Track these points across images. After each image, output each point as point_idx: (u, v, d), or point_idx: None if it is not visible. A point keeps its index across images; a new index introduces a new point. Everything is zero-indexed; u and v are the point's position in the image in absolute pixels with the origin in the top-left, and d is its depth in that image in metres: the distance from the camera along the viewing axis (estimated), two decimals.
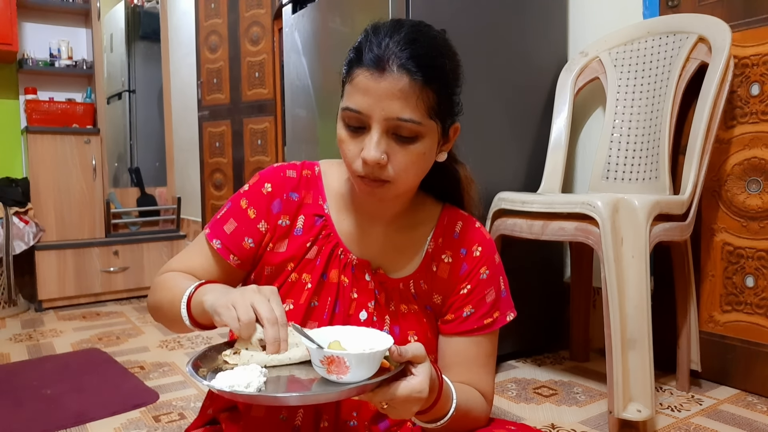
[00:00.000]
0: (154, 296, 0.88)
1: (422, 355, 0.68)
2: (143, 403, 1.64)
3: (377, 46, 0.74)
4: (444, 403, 0.75)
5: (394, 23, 0.77)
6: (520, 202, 1.62)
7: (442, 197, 0.93)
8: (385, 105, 0.73)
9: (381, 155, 0.74)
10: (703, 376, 1.73)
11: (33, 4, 3.04)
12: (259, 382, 0.64)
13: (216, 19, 3.75)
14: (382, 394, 0.66)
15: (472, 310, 0.86)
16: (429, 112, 0.75)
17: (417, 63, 0.72)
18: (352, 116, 0.75)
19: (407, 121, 0.73)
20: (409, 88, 0.72)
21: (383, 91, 0.72)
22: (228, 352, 0.72)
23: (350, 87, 0.76)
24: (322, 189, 0.90)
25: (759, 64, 1.60)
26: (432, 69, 0.74)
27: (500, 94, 1.85)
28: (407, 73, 0.72)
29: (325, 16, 2.03)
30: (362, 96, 0.74)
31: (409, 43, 0.73)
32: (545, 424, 1.47)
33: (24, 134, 2.96)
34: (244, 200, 0.88)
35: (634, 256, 1.39)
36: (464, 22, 1.75)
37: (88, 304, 2.95)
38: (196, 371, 0.67)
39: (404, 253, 0.88)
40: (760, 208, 1.61)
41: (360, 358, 0.63)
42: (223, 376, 0.64)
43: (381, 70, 0.72)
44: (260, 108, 3.62)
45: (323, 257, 0.86)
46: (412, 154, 0.76)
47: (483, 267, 0.87)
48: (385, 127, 0.74)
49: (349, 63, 0.77)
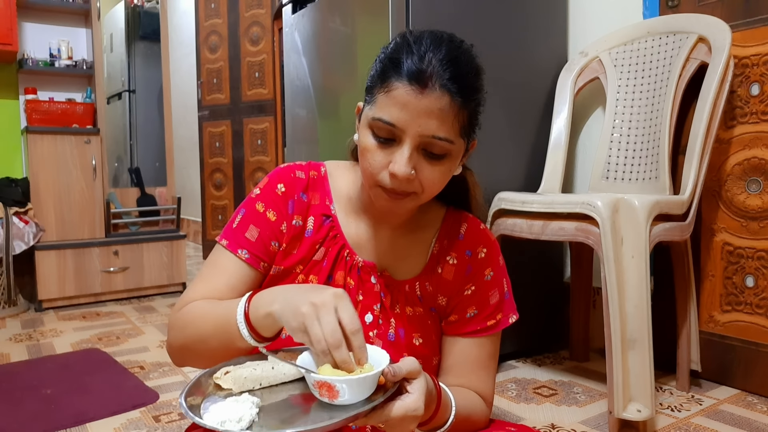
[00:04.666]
0: (184, 333, 0.80)
1: (416, 370, 0.67)
2: (143, 403, 1.64)
3: (420, 59, 0.72)
4: (443, 413, 0.75)
5: (434, 36, 0.75)
6: (520, 202, 1.62)
7: (449, 202, 0.93)
8: (423, 122, 0.72)
9: (411, 171, 0.73)
10: (703, 376, 1.73)
11: (33, 4, 3.03)
12: (252, 415, 0.61)
13: (216, 19, 3.75)
14: (377, 416, 0.64)
15: (476, 311, 0.87)
16: (461, 132, 0.75)
17: (459, 85, 0.72)
18: (385, 128, 0.73)
19: (442, 139, 0.73)
20: (449, 108, 0.72)
21: (423, 108, 0.71)
22: (219, 374, 0.69)
23: (385, 98, 0.73)
24: (328, 190, 0.89)
25: (759, 64, 1.60)
26: (471, 91, 0.74)
27: (500, 94, 1.85)
28: (449, 93, 0.72)
29: (325, 16, 2.03)
30: (400, 110, 0.72)
31: (451, 62, 0.72)
32: (545, 424, 1.47)
33: (24, 134, 2.96)
34: (260, 204, 0.86)
35: (634, 256, 1.39)
36: (464, 23, 1.75)
37: (88, 304, 2.95)
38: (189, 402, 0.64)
39: (409, 255, 0.88)
40: (760, 208, 1.61)
41: (351, 382, 0.61)
42: (215, 410, 0.62)
43: (423, 87, 0.71)
44: (260, 108, 3.62)
45: (330, 259, 0.86)
46: (439, 172, 0.76)
47: (487, 269, 0.88)
48: (418, 143, 0.73)
49: (384, 71, 0.74)
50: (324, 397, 0.63)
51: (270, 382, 0.70)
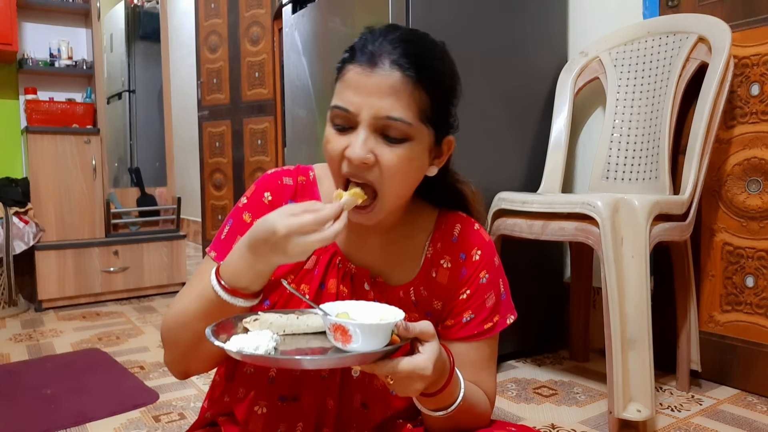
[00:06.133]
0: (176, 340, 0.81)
1: (430, 333, 0.68)
2: (143, 403, 1.64)
3: (371, 43, 0.72)
4: (453, 390, 0.74)
5: (391, 25, 0.76)
6: (520, 202, 1.62)
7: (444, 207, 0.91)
8: (375, 102, 0.70)
9: (367, 153, 0.71)
10: (703, 376, 1.73)
11: (33, 4, 3.03)
12: (268, 346, 0.64)
13: (216, 19, 3.75)
14: (383, 366, 0.65)
15: (472, 315, 0.85)
16: (420, 115, 0.73)
17: (410, 60, 0.71)
18: (340, 114, 0.73)
19: (397, 120, 0.71)
20: (400, 85, 0.70)
21: (374, 86, 0.70)
22: (249, 319, 0.72)
23: (340, 84, 0.74)
24: (317, 195, 0.87)
25: (759, 64, 1.60)
26: (425, 68, 0.72)
27: (500, 94, 1.85)
28: (399, 68, 0.70)
29: (325, 16, 2.03)
30: (352, 92, 0.72)
31: (403, 41, 0.72)
32: (545, 424, 1.47)
33: (24, 134, 2.96)
34: (246, 214, 0.85)
35: (634, 256, 1.39)
36: (464, 22, 1.75)
37: (88, 304, 2.95)
38: (216, 337, 0.68)
39: (403, 260, 0.87)
40: (760, 208, 1.61)
41: (364, 327, 0.64)
42: (236, 339, 0.66)
43: (372, 65, 0.71)
44: (260, 108, 3.62)
45: (321, 267, 0.84)
46: (399, 157, 0.73)
47: (483, 271, 0.86)
48: (373, 126, 0.71)
49: (342, 61, 0.76)
50: (338, 341, 0.65)
51: (293, 331, 0.73)
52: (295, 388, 0.83)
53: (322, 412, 0.84)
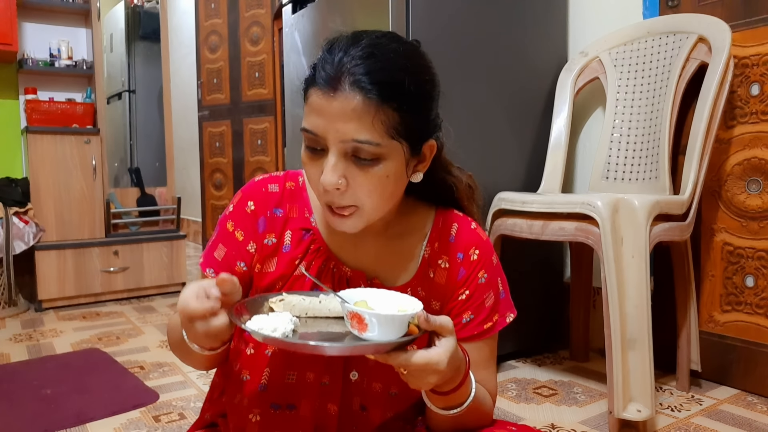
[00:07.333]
0: (170, 341, 0.85)
1: (449, 328, 0.68)
2: (143, 403, 1.64)
3: (330, 63, 0.69)
4: (465, 389, 0.74)
5: (354, 36, 0.72)
6: (520, 202, 1.62)
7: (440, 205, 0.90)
8: (339, 126, 0.68)
9: (338, 180, 0.70)
10: (703, 376, 1.73)
11: (33, 4, 3.03)
12: (285, 329, 0.65)
13: (216, 19, 3.75)
14: (397, 356, 0.65)
15: (472, 316, 0.84)
16: (389, 132, 0.69)
17: (371, 79, 0.67)
18: (309, 137, 0.72)
19: (363, 142, 0.68)
20: (363, 107, 0.67)
21: (336, 111, 0.68)
22: (275, 299, 0.74)
23: (306, 107, 0.72)
24: (307, 200, 0.85)
25: (759, 64, 1.60)
26: (389, 86, 0.68)
27: (500, 94, 1.85)
28: (360, 91, 0.67)
29: (325, 16, 2.03)
30: (316, 117, 0.70)
31: (364, 57, 0.68)
32: (545, 424, 1.47)
33: (24, 134, 2.96)
34: (230, 222, 0.84)
35: (634, 256, 1.39)
36: (464, 22, 1.75)
37: (88, 304, 2.95)
38: (239, 317, 0.68)
39: (400, 261, 0.85)
40: (760, 208, 1.61)
41: (381, 317, 0.64)
42: (256, 319, 0.66)
43: (333, 89, 0.68)
44: (260, 108, 3.62)
45: (313, 273, 0.83)
46: (373, 178, 0.71)
47: (481, 271, 0.85)
48: (342, 149, 0.70)
49: (305, 81, 0.73)
50: (354, 329, 0.65)
51: (315, 314, 0.74)
52: (289, 397, 0.82)
53: (323, 419, 0.83)
